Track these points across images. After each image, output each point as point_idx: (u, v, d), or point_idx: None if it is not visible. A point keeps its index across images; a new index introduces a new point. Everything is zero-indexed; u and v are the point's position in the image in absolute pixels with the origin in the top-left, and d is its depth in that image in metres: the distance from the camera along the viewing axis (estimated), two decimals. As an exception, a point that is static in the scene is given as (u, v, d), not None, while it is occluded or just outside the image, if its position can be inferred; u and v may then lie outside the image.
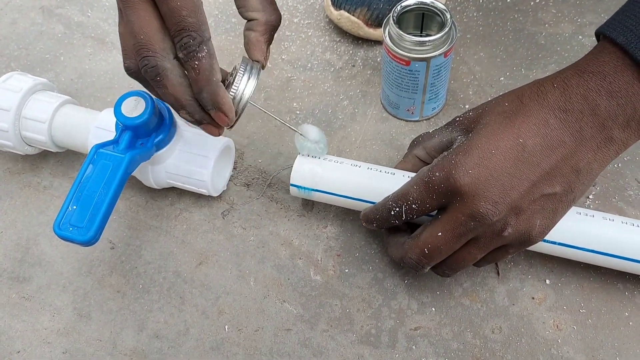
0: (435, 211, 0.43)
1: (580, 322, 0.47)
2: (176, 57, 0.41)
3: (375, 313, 0.49)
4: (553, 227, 0.42)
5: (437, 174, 0.41)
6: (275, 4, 0.45)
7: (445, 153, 0.43)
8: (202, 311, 0.50)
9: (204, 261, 0.52)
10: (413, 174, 0.49)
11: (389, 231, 0.48)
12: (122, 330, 0.49)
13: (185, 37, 0.39)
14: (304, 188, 0.50)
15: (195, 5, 0.39)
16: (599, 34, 0.41)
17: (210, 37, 0.40)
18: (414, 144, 0.50)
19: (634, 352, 0.46)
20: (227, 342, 0.48)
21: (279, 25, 0.46)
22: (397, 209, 0.44)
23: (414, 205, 0.43)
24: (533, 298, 0.49)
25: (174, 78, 0.40)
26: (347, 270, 0.51)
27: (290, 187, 0.50)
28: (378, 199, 0.47)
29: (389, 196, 0.45)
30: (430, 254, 0.43)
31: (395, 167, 0.50)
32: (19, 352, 0.48)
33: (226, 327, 0.49)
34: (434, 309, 0.49)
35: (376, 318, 0.49)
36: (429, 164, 0.49)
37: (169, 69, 0.40)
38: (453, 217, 0.41)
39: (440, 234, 0.42)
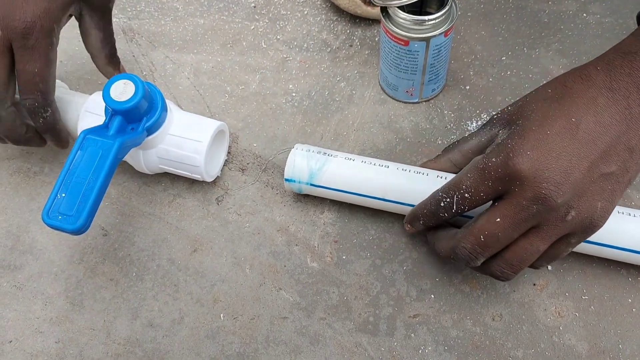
0: (488, 204, 0.41)
1: (583, 309, 0.46)
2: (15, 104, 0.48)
3: (373, 300, 0.48)
4: (613, 209, 0.40)
5: (494, 159, 0.39)
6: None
7: (499, 140, 0.41)
8: (197, 299, 0.49)
9: (199, 248, 0.51)
10: (412, 167, 0.47)
11: (434, 228, 0.46)
12: (115, 319, 0.48)
13: (31, 100, 0.46)
14: (299, 182, 0.49)
15: (49, 71, 0.46)
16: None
17: (54, 99, 0.48)
18: (449, 148, 0.48)
19: (637, 339, 0.45)
20: (223, 330, 0.47)
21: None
22: (448, 200, 0.41)
23: (466, 195, 0.40)
24: (534, 284, 0.48)
25: (7, 123, 0.47)
26: (344, 257, 0.50)
27: (285, 182, 0.49)
28: (378, 193, 0.46)
29: (438, 189, 0.43)
30: (486, 242, 0.40)
31: (421, 166, 0.48)
32: (11, 341, 0.48)
33: (221, 315, 0.48)
34: (433, 296, 0.48)
35: (374, 305, 0.48)
36: (461, 169, 0.47)
37: (2, 116, 0.47)
38: (514, 202, 0.38)
39: (499, 219, 0.39)
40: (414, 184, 0.47)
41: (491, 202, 0.41)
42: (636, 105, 0.38)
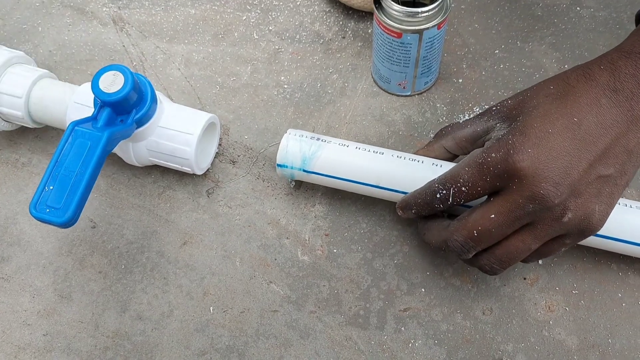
0: (483, 198, 0.41)
1: (573, 303, 0.47)
2: None
3: (363, 294, 0.48)
4: (611, 212, 0.40)
5: (494, 154, 0.38)
6: None
7: (498, 135, 0.41)
8: (187, 292, 0.48)
9: (189, 241, 0.51)
10: (407, 154, 0.47)
11: (426, 218, 0.46)
12: (104, 311, 0.48)
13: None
14: (292, 167, 0.48)
15: None
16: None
17: None
18: (442, 134, 0.47)
19: (626, 333, 0.45)
20: (212, 323, 0.47)
21: None
22: (444, 192, 0.41)
23: (463, 188, 0.40)
24: (525, 279, 0.48)
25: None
26: (335, 250, 0.50)
27: (277, 167, 0.49)
28: (373, 180, 0.46)
29: (434, 179, 0.43)
30: (479, 236, 0.40)
31: (415, 154, 0.48)
32: (-2, 334, 0.47)
33: (211, 308, 0.48)
34: (423, 290, 0.48)
35: (365, 299, 0.47)
36: (456, 156, 0.47)
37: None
38: (510, 199, 0.38)
39: (493, 216, 0.39)
40: (409, 171, 0.46)
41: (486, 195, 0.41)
42: (639, 107, 0.37)
